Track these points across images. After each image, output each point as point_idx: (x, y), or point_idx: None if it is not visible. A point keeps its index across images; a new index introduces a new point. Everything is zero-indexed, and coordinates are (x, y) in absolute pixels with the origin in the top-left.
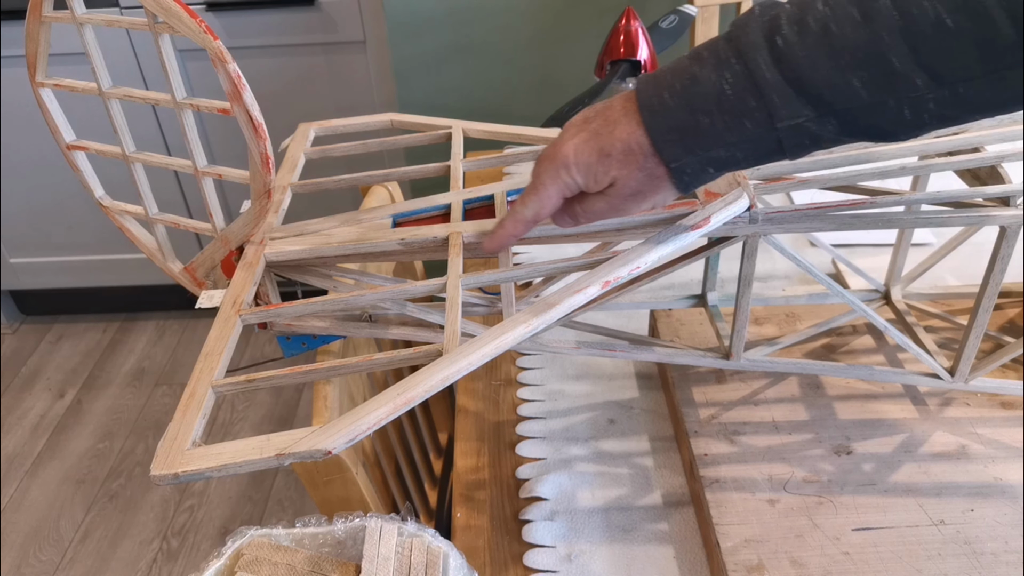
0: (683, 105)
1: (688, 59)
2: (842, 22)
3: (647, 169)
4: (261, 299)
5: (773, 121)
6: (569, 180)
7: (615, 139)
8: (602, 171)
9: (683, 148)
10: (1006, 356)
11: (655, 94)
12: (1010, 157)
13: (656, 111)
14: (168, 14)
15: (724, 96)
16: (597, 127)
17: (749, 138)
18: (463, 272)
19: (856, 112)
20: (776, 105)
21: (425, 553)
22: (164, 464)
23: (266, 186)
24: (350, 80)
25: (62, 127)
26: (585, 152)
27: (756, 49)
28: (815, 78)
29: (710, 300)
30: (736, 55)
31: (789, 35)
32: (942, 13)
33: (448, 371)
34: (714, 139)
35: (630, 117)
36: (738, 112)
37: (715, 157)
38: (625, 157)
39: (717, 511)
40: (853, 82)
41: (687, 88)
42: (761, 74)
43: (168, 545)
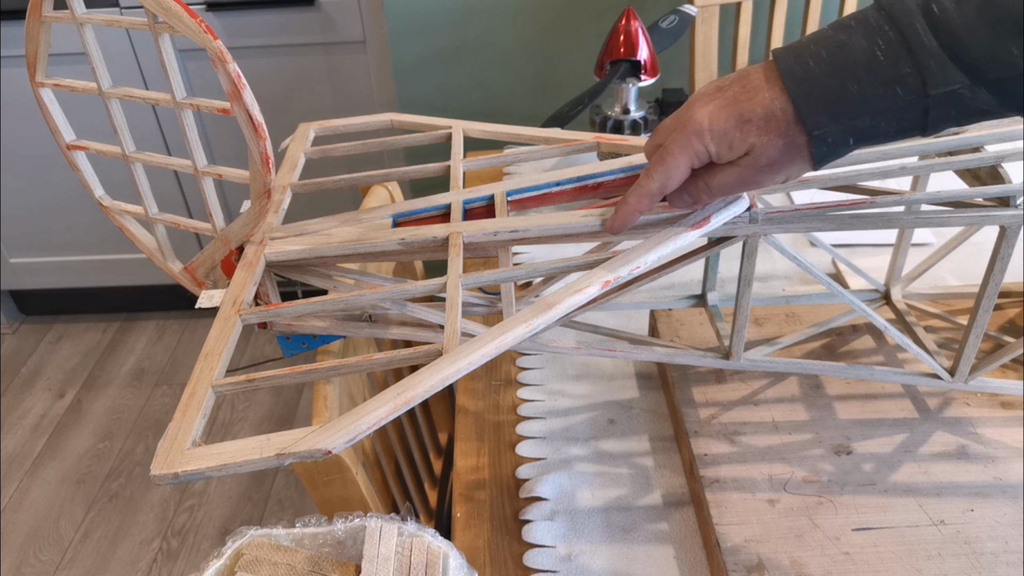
0: (831, 72)
1: (832, 29)
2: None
3: (788, 136)
4: (261, 299)
5: (927, 88)
6: (701, 148)
7: (756, 104)
8: (740, 138)
9: (828, 115)
10: (1006, 356)
11: (798, 62)
12: (1010, 157)
13: (800, 78)
14: (168, 14)
15: (876, 62)
16: (735, 93)
17: (898, 106)
18: (463, 272)
19: (1010, 82)
20: (932, 71)
21: (425, 553)
22: (164, 464)
23: (266, 186)
24: (350, 80)
25: (62, 127)
26: (722, 118)
27: (911, 16)
28: (973, 45)
29: (710, 300)
30: (889, 22)
31: (946, 2)
32: None
33: (448, 371)
34: (862, 107)
35: (772, 84)
36: (890, 78)
37: (859, 126)
38: (766, 123)
39: (717, 511)
40: (1012, 49)
41: (834, 55)
42: (919, 40)
43: (168, 545)
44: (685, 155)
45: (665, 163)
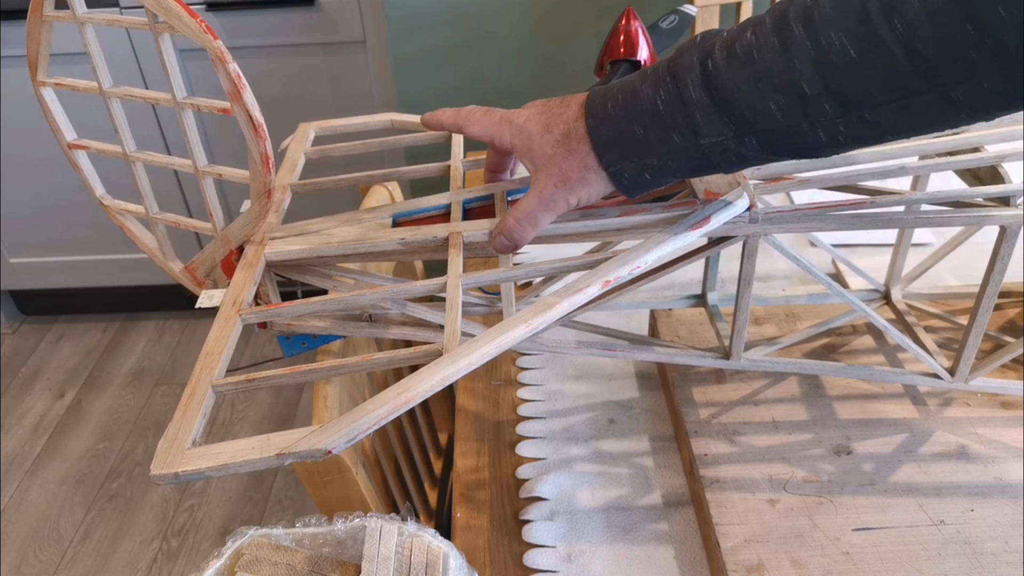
0: (623, 115)
1: (637, 75)
2: (763, 50)
3: (580, 157)
4: (261, 299)
5: (697, 138)
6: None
7: (560, 121)
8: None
9: (619, 153)
10: (1006, 356)
11: (600, 103)
12: (1010, 157)
13: (599, 117)
14: (168, 14)
15: (656, 111)
16: (551, 106)
17: (678, 151)
18: (463, 272)
19: (774, 133)
20: (699, 123)
21: (425, 553)
22: (164, 464)
23: (266, 186)
24: (350, 80)
25: (63, 126)
26: (531, 121)
27: (688, 71)
28: (737, 100)
29: (710, 300)
30: (671, 75)
31: (719, 59)
32: (846, 43)
33: (448, 371)
34: (647, 148)
35: (578, 113)
36: (668, 126)
37: (650, 164)
38: (565, 138)
39: (717, 511)
40: (770, 105)
41: (628, 100)
42: (689, 94)
43: (168, 545)
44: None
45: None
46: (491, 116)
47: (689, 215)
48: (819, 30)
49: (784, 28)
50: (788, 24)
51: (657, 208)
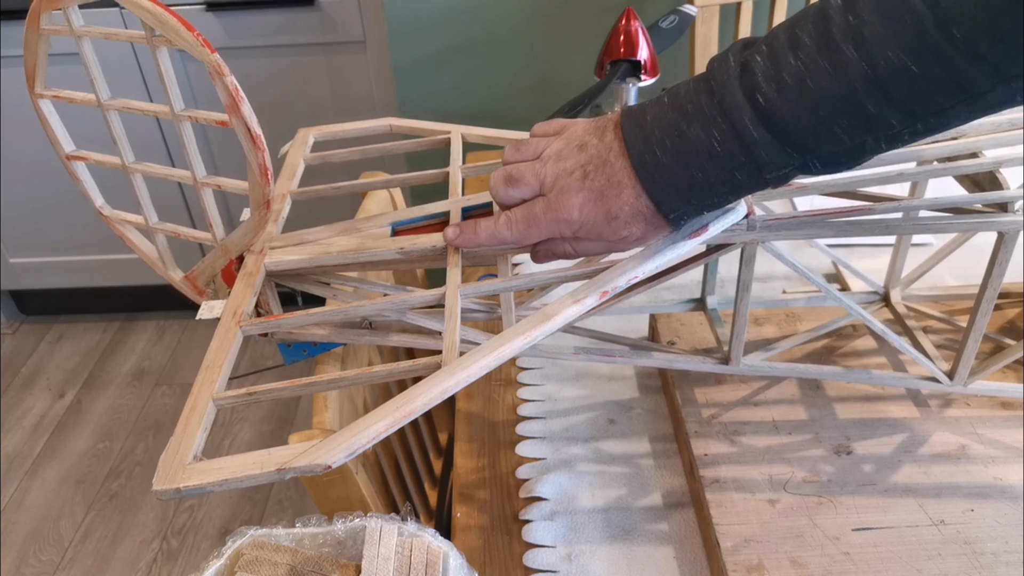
0: (677, 161)
1: (672, 110)
2: (817, 76)
3: (653, 222)
4: (262, 307)
5: (762, 172)
6: (567, 232)
7: (623, 203)
8: (610, 231)
9: (681, 200)
10: (1005, 360)
11: (647, 150)
12: (1009, 162)
13: (651, 169)
14: (165, 27)
15: (714, 152)
16: (601, 187)
17: (741, 186)
18: (463, 279)
19: (839, 153)
20: (764, 160)
21: (425, 553)
22: (166, 479)
23: (265, 197)
24: (350, 80)
25: (61, 138)
26: (591, 214)
27: (740, 108)
28: (799, 131)
29: (709, 304)
30: (721, 114)
31: (769, 92)
32: (907, 60)
33: (447, 384)
34: (708, 190)
35: (632, 178)
36: (730, 166)
37: (709, 203)
38: (633, 218)
39: (717, 511)
40: (834, 129)
41: (677, 145)
42: (748, 133)
43: (168, 545)
44: (549, 232)
45: (529, 231)
46: (537, 219)
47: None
48: (874, 50)
49: (834, 51)
50: (837, 46)
51: None
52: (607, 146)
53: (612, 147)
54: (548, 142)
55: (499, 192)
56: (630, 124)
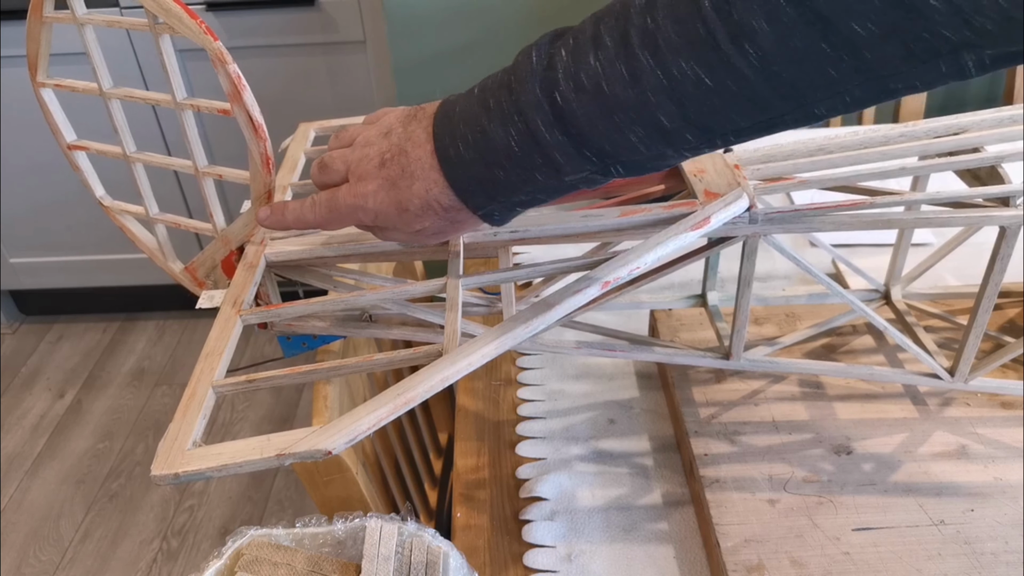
0: (479, 158)
1: (478, 103)
2: (612, 81)
3: (448, 217)
4: (261, 299)
5: (560, 175)
6: (366, 219)
7: (413, 195)
8: (402, 223)
9: (486, 196)
10: (1006, 356)
11: (451, 144)
12: (1010, 157)
13: (455, 164)
14: (168, 15)
15: (512, 152)
16: (395, 176)
17: (543, 187)
18: (463, 272)
19: (639, 161)
20: (560, 163)
21: (425, 553)
22: (165, 464)
23: (266, 187)
24: (350, 80)
25: (63, 127)
26: (383, 203)
27: (535, 108)
28: (594, 136)
29: (710, 300)
30: (518, 112)
31: (567, 92)
32: (700, 73)
33: (448, 371)
34: (512, 188)
35: (427, 171)
36: (529, 166)
37: (518, 200)
38: (423, 211)
39: (717, 511)
40: (630, 138)
41: (479, 142)
42: (543, 135)
43: (168, 545)
44: (349, 219)
45: (330, 215)
46: (337, 205)
47: (689, 215)
48: (668, 59)
49: (630, 56)
50: (633, 52)
51: (657, 208)
52: (408, 135)
53: (413, 136)
54: (364, 129)
55: (314, 175)
56: (442, 115)
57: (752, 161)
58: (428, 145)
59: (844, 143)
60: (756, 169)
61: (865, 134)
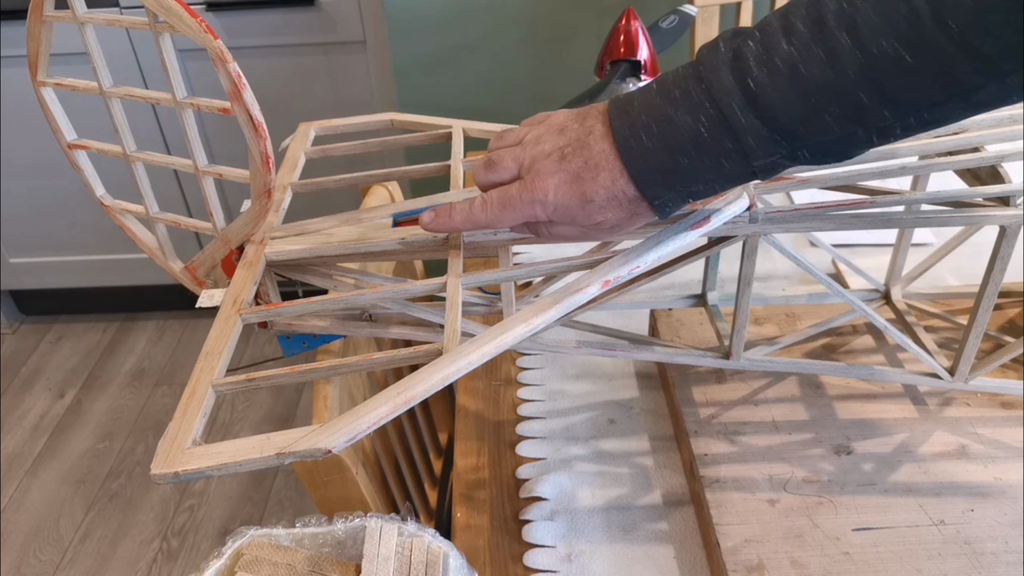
0: (662, 147)
1: (659, 96)
2: (809, 62)
3: (629, 209)
4: (261, 298)
5: (749, 160)
6: (542, 215)
7: (598, 186)
8: (583, 215)
9: (664, 186)
10: (1006, 356)
11: (632, 135)
12: (1010, 157)
13: (636, 153)
14: (169, 13)
15: (701, 139)
16: (578, 169)
17: (727, 175)
18: (463, 271)
19: (828, 143)
20: (752, 147)
21: (425, 553)
22: (164, 463)
23: (266, 185)
24: (350, 80)
25: (63, 126)
26: (565, 195)
27: (729, 93)
28: (788, 118)
29: (710, 300)
30: (709, 99)
31: (760, 77)
32: (901, 50)
33: (448, 370)
34: (694, 177)
35: (611, 161)
36: (716, 153)
37: (695, 191)
38: (608, 202)
39: (717, 511)
40: (825, 118)
41: (664, 130)
42: (736, 119)
43: (168, 545)
44: (524, 214)
45: (504, 213)
46: (512, 201)
47: (689, 215)
48: (867, 38)
49: (828, 37)
50: (831, 32)
51: None
52: (587, 129)
53: (593, 130)
54: (531, 129)
55: (479, 176)
56: (616, 110)
57: None
58: (608, 138)
59: None
60: None
61: None
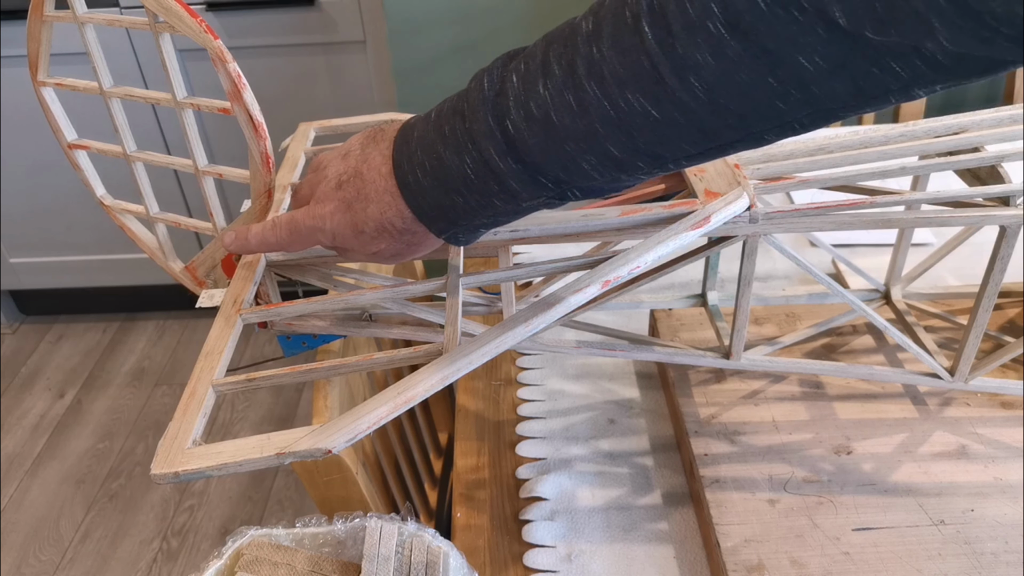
0: (437, 185)
1: (435, 129)
2: (560, 111)
3: (404, 240)
4: (261, 298)
5: (518, 201)
6: (325, 241)
7: (367, 217)
8: (359, 244)
9: (447, 222)
10: (1006, 356)
11: (410, 171)
12: (1010, 157)
13: (414, 190)
14: (169, 13)
15: (469, 179)
16: (350, 198)
17: (503, 211)
18: (463, 271)
19: (595, 185)
20: (516, 190)
21: (425, 553)
22: (164, 463)
23: (266, 185)
24: (350, 80)
25: (63, 126)
26: (339, 224)
27: (488, 137)
28: (547, 164)
29: (710, 300)
30: (471, 141)
31: (517, 121)
32: (647, 105)
33: (448, 370)
34: (472, 213)
35: (382, 193)
36: (486, 193)
37: (480, 223)
38: (379, 233)
39: (717, 511)
40: (583, 166)
41: (436, 169)
42: (495, 163)
43: (168, 545)
44: (308, 240)
45: (291, 237)
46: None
47: (689, 215)
48: (614, 91)
49: (578, 87)
50: (580, 82)
51: (657, 208)
52: (365, 157)
53: (369, 159)
54: (328, 153)
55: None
56: (401, 139)
57: (752, 161)
58: (385, 168)
59: (844, 143)
60: (756, 168)
61: (865, 134)
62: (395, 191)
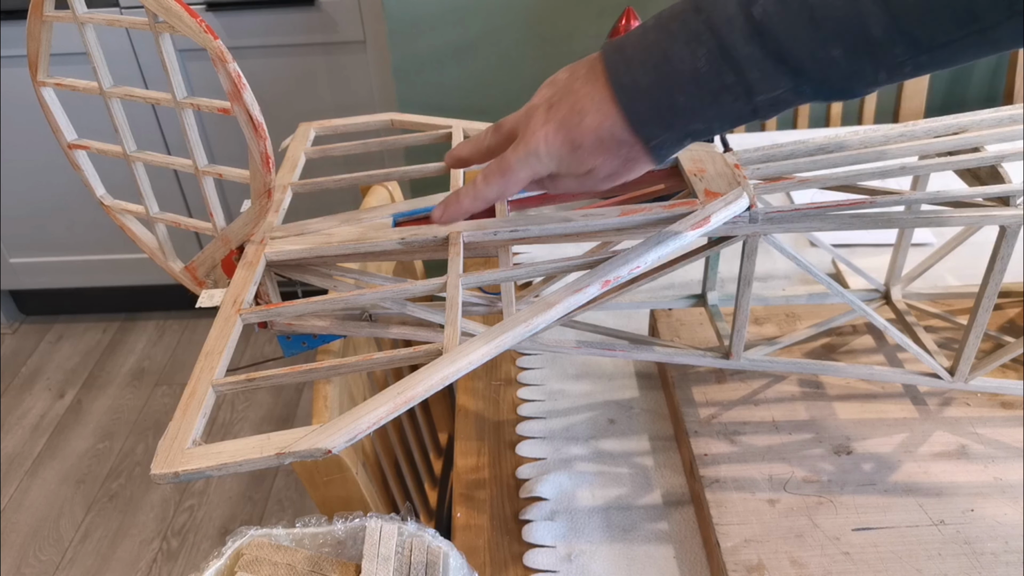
0: (658, 83)
1: (656, 31)
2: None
3: (622, 154)
4: (261, 298)
5: (751, 96)
6: (540, 168)
7: (585, 130)
8: (575, 162)
9: (661, 125)
10: (1006, 356)
11: (627, 73)
12: (1010, 157)
13: (630, 91)
14: (169, 13)
15: (699, 73)
16: (564, 115)
17: (727, 112)
18: (463, 271)
19: (833, 79)
20: (756, 80)
21: (425, 553)
22: (164, 463)
23: (266, 185)
24: (350, 80)
25: (63, 126)
26: (555, 143)
27: (730, 23)
28: (795, 51)
29: (710, 300)
30: (709, 30)
31: (767, 5)
32: None
33: (448, 370)
34: (692, 115)
35: (600, 102)
36: (716, 88)
37: (693, 130)
38: (597, 147)
39: (717, 511)
40: (833, 52)
41: (660, 66)
42: (738, 50)
43: (168, 545)
44: (525, 172)
45: (505, 177)
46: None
47: (689, 215)
48: None
49: None
50: None
51: (657, 208)
52: (575, 75)
53: (580, 75)
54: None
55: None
56: (611, 50)
57: (752, 161)
58: (600, 79)
59: (844, 143)
60: (756, 169)
61: (865, 134)
62: (610, 98)
